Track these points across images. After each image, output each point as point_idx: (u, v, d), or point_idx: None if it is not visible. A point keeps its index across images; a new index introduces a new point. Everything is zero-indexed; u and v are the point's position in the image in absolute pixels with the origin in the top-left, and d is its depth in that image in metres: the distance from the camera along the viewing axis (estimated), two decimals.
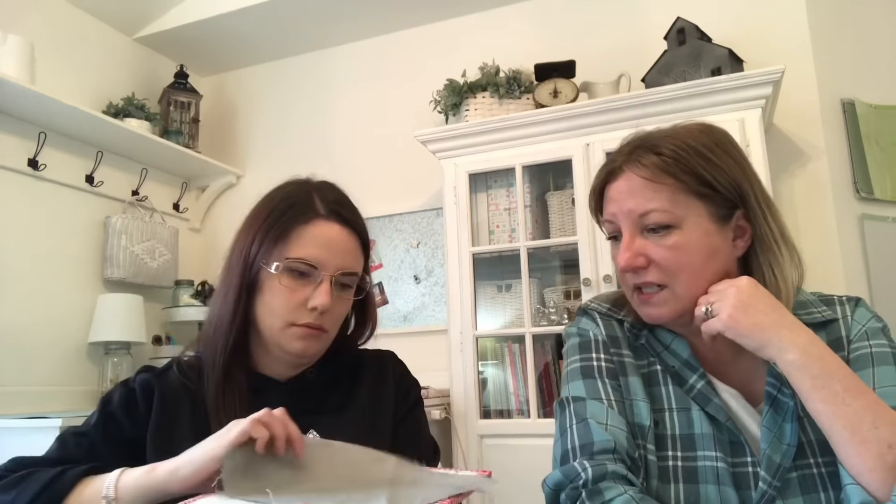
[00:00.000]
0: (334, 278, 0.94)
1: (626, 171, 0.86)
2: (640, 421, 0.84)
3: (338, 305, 0.97)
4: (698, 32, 2.30)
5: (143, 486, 0.79)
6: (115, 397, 0.95)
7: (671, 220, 0.83)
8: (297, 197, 0.98)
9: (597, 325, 0.94)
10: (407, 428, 1.02)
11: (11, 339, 2.37)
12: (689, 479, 0.81)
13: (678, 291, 0.83)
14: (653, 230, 0.84)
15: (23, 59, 2.35)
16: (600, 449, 0.79)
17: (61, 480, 0.81)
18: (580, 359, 0.91)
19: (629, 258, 0.84)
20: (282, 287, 0.93)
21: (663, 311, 0.85)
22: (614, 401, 0.85)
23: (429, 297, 2.83)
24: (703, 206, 0.83)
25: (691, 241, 0.83)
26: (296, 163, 3.12)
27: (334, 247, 0.95)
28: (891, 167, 2.49)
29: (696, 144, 0.84)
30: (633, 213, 0.84)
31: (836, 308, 0.89)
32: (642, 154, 0.85)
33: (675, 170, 0.83)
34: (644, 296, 0.85)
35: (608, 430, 0.81)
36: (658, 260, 0.83)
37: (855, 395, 0.73)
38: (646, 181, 0.84)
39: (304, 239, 0.94)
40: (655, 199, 0.83)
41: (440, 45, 2.98)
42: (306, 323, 0.93)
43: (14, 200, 2.44)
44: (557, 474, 0.80)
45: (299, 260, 0.93)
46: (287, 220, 0.95)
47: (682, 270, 0.83)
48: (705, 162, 0.83)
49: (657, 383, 0.88)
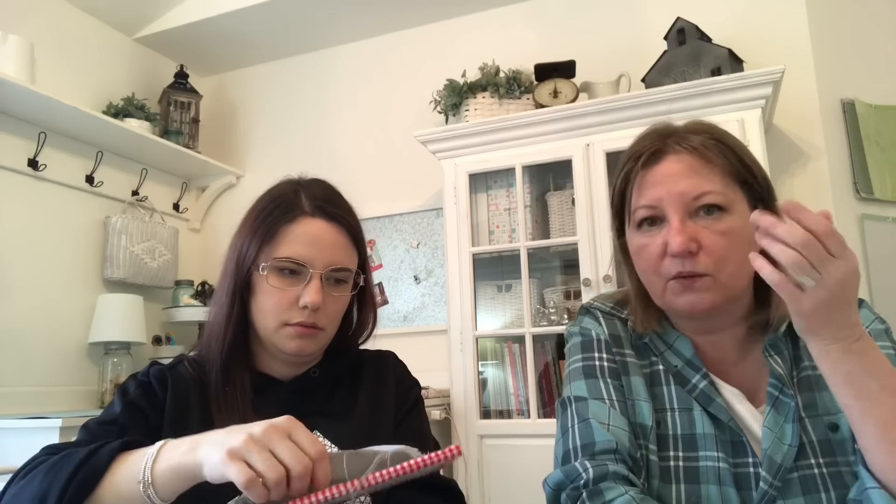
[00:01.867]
0: (324, 275, 0.94)
1: (670, 154, 0.82)
2: (641, 421, 0.83)
3: (331, 302, 0.96)
4: (698, 32, 2.30)
5: (183, 466, 0.69)
6: (132, 388, 0.94)
7: (725, 202, 0.80)
8: (284, 196, 0.98)
9: (599, 324, 0.93)
10: (408, 427, 1.02)
11: (11, 339, 2.37)
12: (691, 480, 0.80)
13: (723, 280, 0.80)
14: (708, 212, 0.80)
15: (23, 59, 2.35)
16: (602, 449, 0.79)
17: (97, 456, 0.74)
18: (582, 358, 0.90)
19: (683, 241, 0.78)
20: (272, 287, 0.93)
21: (706, 298, 0.80)
22: (616, 401, 0.84)
23: (429, 298, 2.83)
24: (744, 193, 0.82)
25: (739, 227, 0.79)
26: (296, 163, 3.12)
27: (321, 243, 0.95)
28: (891, 167, 2.48)
29: (727, 135, 0.84)
30: (687, 195, 0.80)
31: None
32: (683, 137, 0.82)
33: (723, 149, 0.81)
34: (687, 280, 0.80)
35: (610, 430, 0.81)
36: (709, 245, 0.79)
37: (890, 393, 0.70)
38: (700, 160, 0.80)
39: (290, 238, 0.94)
40: (710, 180, 0.80)
41: (440, 45, 2.98)
42: (299, 322, 0.93)
43: (14, 200, 2.44)
44: (558, 474, 0.80)
45: (286, 259, 0.93)
46: (273, 220, 0.95)
47: (731, 258, 0.79)
48: (746, 152, 0.83)
49: (659, 383, 0.87)
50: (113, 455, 0.74)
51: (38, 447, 0.89)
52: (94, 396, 2.60)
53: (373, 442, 0.81)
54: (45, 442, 0.91)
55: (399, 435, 0.99)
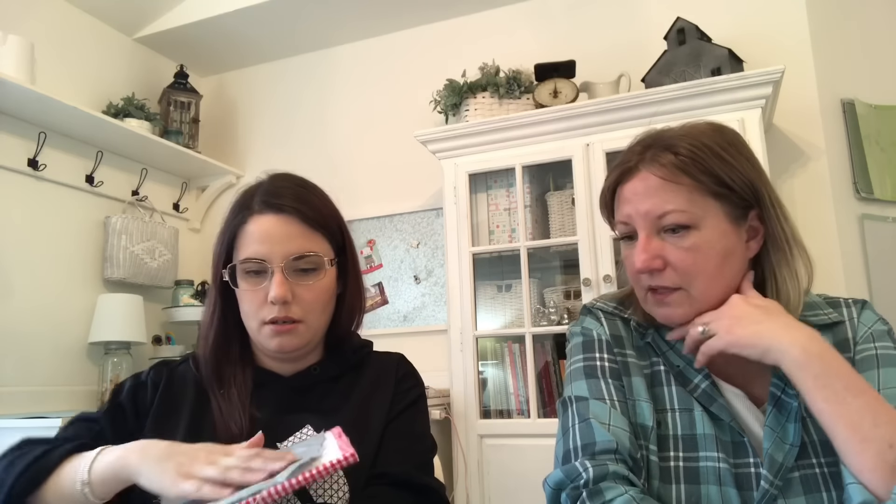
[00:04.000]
0: (285, 267, 0.95)
1: (641, 171, 0.84)
2: (642, 421, 0.84)
3: (304, 292, 0.96)
4: (698, 32, 2.30)
5: (114, 471, 0.80)
6: (125, 388, 1.00)
7: (689, 221, 0.82)
8: (242, 200, 1.00)
9: (601, 324, 0.93)
10: (398, 425, 1.01)
11: (11, 339, 2.37)
12: (691, 480, 0.81)
13: (694, 293, 0.83)
14: (671, 231, 0.82)
15: (23, 59, 2.35)
16: (602, 449, 0.79)
17: (48, 458, 0.84)
18: (584, 358, 0.91)
19: (646, 259, 0.82)
20: (243, 290, 0.96)
21: (678, 312, 0.84)
22: (617, 401, 0.85)
23: (429, 298, 2.83)
24: (720, 205, 0.82)
25: (708, 241, 0.82)
26: (296, 162, 3.10)
27: (273, 237, 0.95)
28: (891, 167, 2.49)
29: (711, 143, 0.83)
30: (651, 214, 0.83)
31: (843, 310, 0.89)
32: (658, 153, 0.84)
33: (692, 169, 0.82)
34: (659, 295, 0.84)
35: (610, 430, 0.81)
36: (675, 262, 0.82)
37: (856, 393, 0.73)
38: (663, 181, 0.82)
39: (246, 239, 0.97)
40: (673, 200, 0.82)
41: (440, 46, 2.98)
42: (272, 318, 0.94)
43: (14, 200, 2.43)
44: (559, 473, 0.80)
45: (246, 261, 0.96)
46: (233, 226, 0.99)
47: (700, 273, 0.82)
48: (721, 161, 0.82)
49: (660, 384, 0.88)
50: (63, 456, 0.84)
51: None
52: (94, 396, 2.60)
53: (360, 439, 0.85)
54: None
55: (387, 434, 0.99)
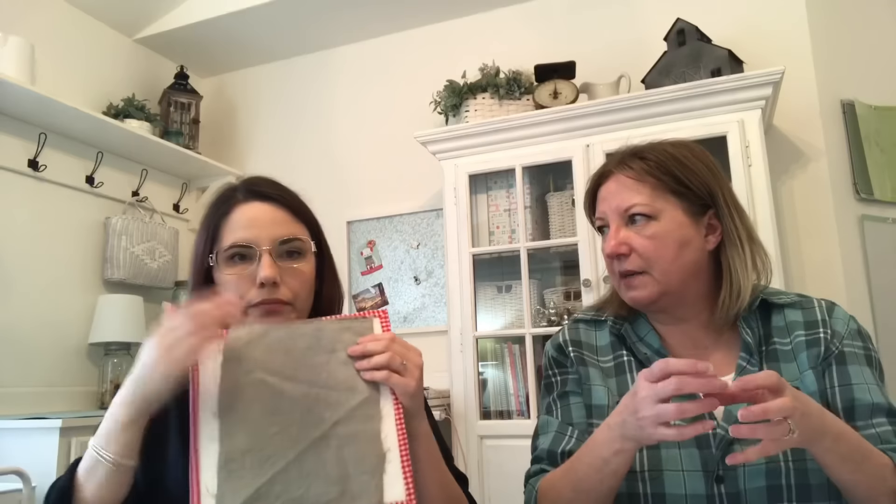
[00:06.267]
0: (273, 250, 0.96)
1: (615, 174, 1.02)
2: (598, 402, 1.00)
3: (291, 276, 0.97)
4: (698, 33, 2.30)
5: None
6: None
7: (650, 212, 0.97)
8: (222, 194, 1.02)
9: (559, 337, 1.08)
10: None
11: (12, 339, 2.37)
12: (651, 445, 0.90)
13: (656, 276, 0.97)
14: (634, 221, 0.97)
15: (23, 60, 2.36)
16: (536, 456, 1.02)
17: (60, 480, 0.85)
18: (544, 377, 1.09)
19: (615, 245, 0.98)
20: (228, 276, 0.96)
21: (644, 294, 0.97)
22: (561, 408, 1.03)
23: (429, 298, 2.83)
24: (679, 202, 0.98)
25: (667, 231, 0.96)
26: (296, 163, 3.13)
27: (261, 222, 0.97)
28: (891, 168, 2.49)
29: (674, 152, 1.00)
30: (620, 207, 0.99)
31: (810, 298, 1.00)
32: (629, 159, 1.01)
33: (656, 171, 0.98)
34: (627, 279, 0.99)
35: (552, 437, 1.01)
36: (638, 247, 0.97)
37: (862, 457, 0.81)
38: (631, 181, 0.99)
39: (230, 227, 0.97)
40: (638, 195, 0.98)
41: (440, 46, 2.99)
42: (261, 300, 0.94)
43: (14, 201, 2.44)
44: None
45: (231, 246, 0.96)
46: (215, 218, 0.99)
47: (660, 258, 0.96)
48: (681, 166, 0.98)
49: (623, 372, 1.01)
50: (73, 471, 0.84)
51: (38, 447, 0.93)
52: (94, 397, 2.61)
53: None
54: (45, 442, 0.94)
55: None
